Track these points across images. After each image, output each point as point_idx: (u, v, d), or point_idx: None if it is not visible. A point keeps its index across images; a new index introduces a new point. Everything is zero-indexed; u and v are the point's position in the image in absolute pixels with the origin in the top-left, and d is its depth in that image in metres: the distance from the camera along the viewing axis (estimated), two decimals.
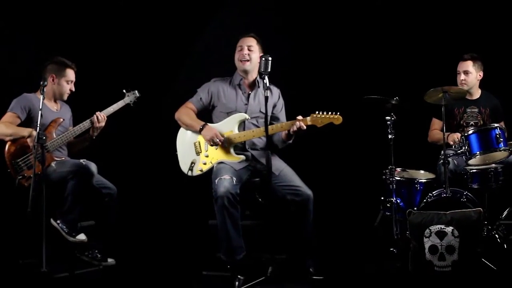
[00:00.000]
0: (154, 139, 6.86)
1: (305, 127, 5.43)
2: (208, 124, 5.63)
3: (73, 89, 6.01)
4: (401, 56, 7.18)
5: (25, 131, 5.74)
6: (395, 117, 6.02)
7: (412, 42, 7.17)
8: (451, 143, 6.20)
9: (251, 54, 5.66)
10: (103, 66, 6.96)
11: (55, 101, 6.04)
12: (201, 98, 5.73)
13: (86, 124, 5.86)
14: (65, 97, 6.03)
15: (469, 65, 6.44)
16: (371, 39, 7.25)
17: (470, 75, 6.44)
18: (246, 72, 5.69)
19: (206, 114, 5.78)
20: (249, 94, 5.72)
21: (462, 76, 6.45)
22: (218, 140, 5.53)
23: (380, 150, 6.26)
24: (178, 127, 5.74)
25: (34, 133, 5.49)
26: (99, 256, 5.91)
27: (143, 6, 7.12)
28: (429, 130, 6.68)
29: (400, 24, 7.19)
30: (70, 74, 5.98)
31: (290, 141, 5.64)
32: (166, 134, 5.86)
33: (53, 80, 5.95)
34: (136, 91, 6.12)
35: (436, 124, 6.60)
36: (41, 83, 5.53)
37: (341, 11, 7.22)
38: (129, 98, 6.10)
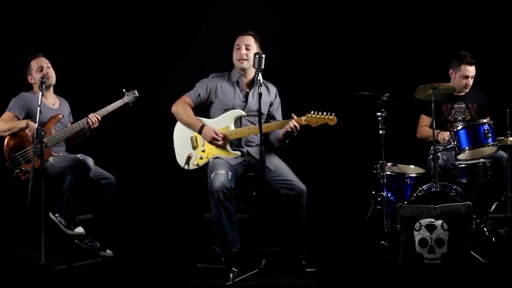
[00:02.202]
0: (151, 133, 6.89)
1: (298, 127, 5.46)
2: (206, 124, 5.66)
3: (50, 72, 5.99)
4: (392, 53, 7.20)
5: (22, 123, 5.81)
6: (385, 113, 6.07)
7: (402, 40, 7.19)
8: (441, 141, 6.28)
9: (248, 53, 5.64)
10: (102, 62, 7.00)
11: (50, 94, 6.08)
12: (199, 94, 5.73)
13: (84, 122, 5.92)
14: (51, 82, 6.01)
15: (474, 69, 6.47)
16: (363, 37, 7.26)
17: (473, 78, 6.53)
18: (244, 70, 5.71)
19: (203, 108, 5.82)
20: (247, 92, 5.74)
21: (470, 81, 6.50)
22: (218, 141, 5.58)
23: (371, 145, 6.30)
24: (175, 121, 5.77)
25: (31, 123, 5.60)
26: (98, 245, 5.97)
27: (141, 2, 7.16)
28: (418, 126, 6.71)
29: (391, 22, 7.22)
30: (34, 63, 5.98)
31: (287, 141, 5.67)
32: (163, 128, 5.89)
33: (30, 79, 6.02)
34: (136, 91, 6.16)
35: (425, 120, 6.65)
36: (40, 80, 5.66)
37: (333, 10, 7.23)
38: (128, 97, 6.13)
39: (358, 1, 7.30)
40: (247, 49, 5.67)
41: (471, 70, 6.47)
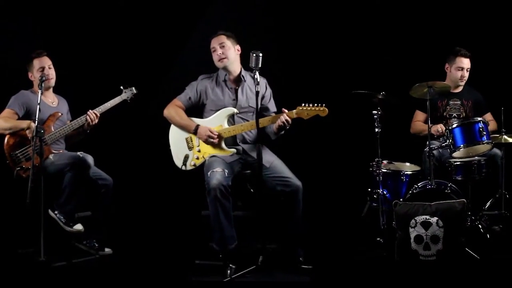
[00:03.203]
0: (149, 133, 6.87)
1: (290, 121, 5.49)
2: (200, 124, 5.70)
3: (51, 73, 6.01)
4: (388, 52, 7.22)
5: (24, 124, 5.82)
6: (381, 111, 6.10)
7: (398, 39, 7.21)
8: (435, 134, 6.31)
9: (225, 51, 5.69)
10: (99, 61, 7.02)
11: (49, 93, 6.11)
12: (190, 98, 5.77)
13: (83, 119, 5.93)
14: (50, 84, 6.04)
15: (469, 62, 6.52)
16: (359, 36, 7.27)
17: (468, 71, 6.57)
18: (226, 69, 5.74)
19: (195, 109, 5.86)
20: (236, 90, 5.77)
21: (466, 74, 6.54)
22: (213, 139, 5.62)
23: (367, 143, 6.34)
24: None
25: (33, 125, 5.57)
26: (96, 245, 6.00)
27: (138, 4, 7.19)
28: (412, 121, 6.76)
29: (387, 21, 7.24)
30: (37, 63, 5.99)
31: (282, 132, 5.66)
32: (160, 128, 5.90)
33: (30, 76, 6.04)
34: (133, 88, 6.16)
35: (419, 116, 6.69)
36: (39, 78, 5.69)
37: (329, 7, 7.25)
38: (126, 94, 6.15)
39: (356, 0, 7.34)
40: (222, 47, 5.70)
41: (465, 62, 6.51)
